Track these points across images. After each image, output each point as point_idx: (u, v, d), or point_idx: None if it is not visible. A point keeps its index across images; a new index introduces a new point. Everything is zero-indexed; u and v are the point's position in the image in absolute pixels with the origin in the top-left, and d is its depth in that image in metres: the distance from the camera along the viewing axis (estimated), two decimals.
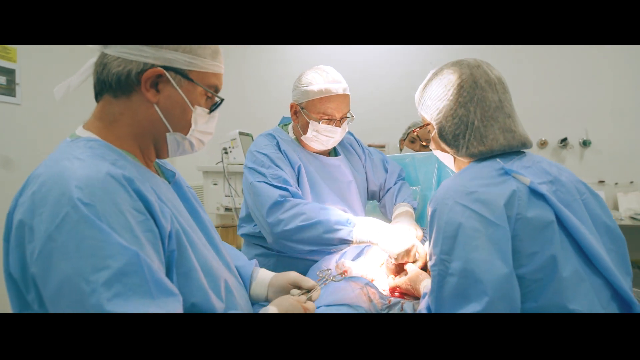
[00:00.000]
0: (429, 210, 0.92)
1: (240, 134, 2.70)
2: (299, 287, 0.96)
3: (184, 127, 0.81)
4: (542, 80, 3.10)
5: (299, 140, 1.55)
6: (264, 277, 1.03)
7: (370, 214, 1.83)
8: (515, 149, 0.96)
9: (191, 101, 0.79)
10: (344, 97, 1.44)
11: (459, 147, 0.98)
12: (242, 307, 0.89)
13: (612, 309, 0.83)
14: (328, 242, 1.26)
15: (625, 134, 2.97)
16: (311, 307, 0.90)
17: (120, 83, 0.74)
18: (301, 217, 1.26)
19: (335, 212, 1.29)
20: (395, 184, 1.72)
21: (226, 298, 0.81)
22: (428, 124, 1.06)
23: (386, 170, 1.73)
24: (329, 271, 1.08)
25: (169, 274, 0.68)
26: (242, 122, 3.38)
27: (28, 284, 0.62)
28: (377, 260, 1.37)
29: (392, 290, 1.21)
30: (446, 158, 1.09)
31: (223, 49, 0.86)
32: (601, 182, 3.02)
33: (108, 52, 0.75)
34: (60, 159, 0.66)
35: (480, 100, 0.95)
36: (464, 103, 0.96)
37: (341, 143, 1.64)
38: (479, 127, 0.95)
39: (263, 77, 3.66)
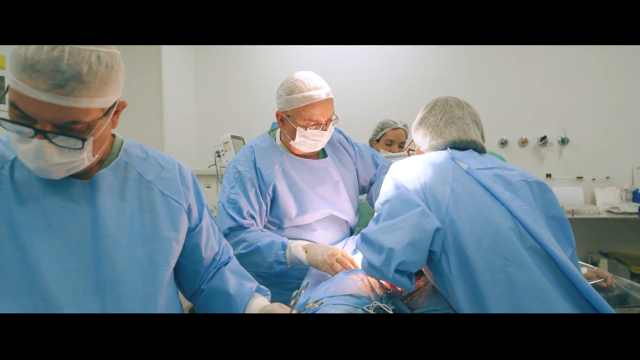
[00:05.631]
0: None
1: (233, 137, 2.75)
2: None
3: None
4: (524, 81, 3.23)
5: (286, 145, 1.59)
6: (255, 307, 1.06)
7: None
8: (464, 145, 1.25)
9: None
10: (328, 102, 1.48)
11: (425, 142, 1.30)
12: None
13: (536, 261, 0.96)
14: (268, 265, 1.38)
15: (602, 132, 3.11)
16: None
17: None
18: (242, 244, 1.40)
19: (273, 238, 1.41)
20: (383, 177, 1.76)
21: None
22: (411, 141, 1.39)
23: (376, 166, 1.77)
24: (298, 297, 1.09)
25: None
26: (233, 127, 3.44)
27: None
28: None
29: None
30: None
31: (208, 52, 0.89)
32: (579, 178, 3.16)
33: None
34: None
35: (447, 112, 1.28)
36: (435, 113, 1.30)
37: (331, 142, 1.67)
38: (441, 128, 1.27)
39: (249, 82, 3.70)
